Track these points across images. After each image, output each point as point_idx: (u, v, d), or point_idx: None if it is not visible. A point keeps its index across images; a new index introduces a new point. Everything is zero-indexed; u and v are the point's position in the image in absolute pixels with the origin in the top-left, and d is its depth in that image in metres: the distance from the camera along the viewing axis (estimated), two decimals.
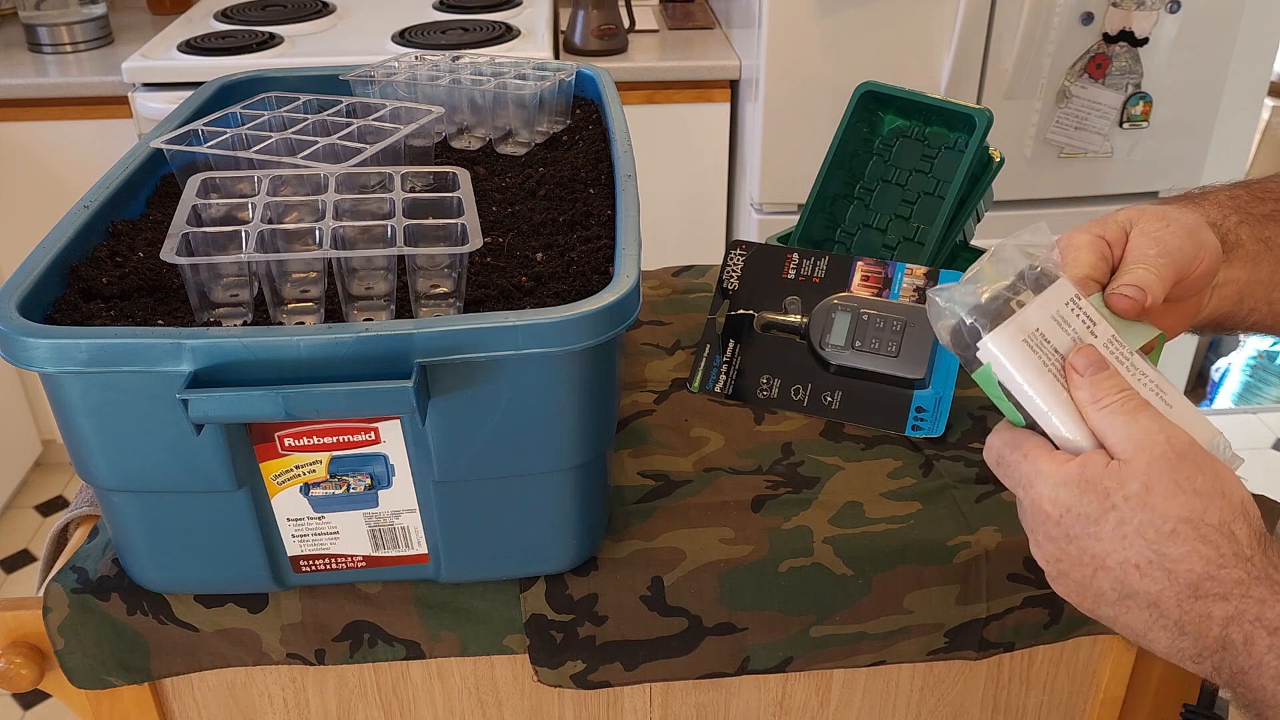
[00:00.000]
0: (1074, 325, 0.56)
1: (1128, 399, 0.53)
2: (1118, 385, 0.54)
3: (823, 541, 0.77)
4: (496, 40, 2.10)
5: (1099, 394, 0.53)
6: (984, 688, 0.85)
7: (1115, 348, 0.56)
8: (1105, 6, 1.82)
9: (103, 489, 0.68)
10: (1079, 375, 0.54)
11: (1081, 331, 0.56)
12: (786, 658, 0.77)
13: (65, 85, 2.03)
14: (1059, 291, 0.57)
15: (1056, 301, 0.56)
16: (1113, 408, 0.53)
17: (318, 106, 0.92)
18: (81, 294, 0.69)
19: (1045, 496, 0.53)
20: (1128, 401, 0.53)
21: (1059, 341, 0.56)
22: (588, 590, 0.75)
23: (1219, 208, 0.66)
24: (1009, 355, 0.55)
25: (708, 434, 0.88)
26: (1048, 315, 0.56)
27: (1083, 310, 0.57)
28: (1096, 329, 0.56)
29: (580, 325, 0.62)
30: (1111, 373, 0.54)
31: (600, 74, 1.02)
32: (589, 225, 0.79)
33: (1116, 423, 0.53)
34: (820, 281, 0.93)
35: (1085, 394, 0.54)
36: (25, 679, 0.75)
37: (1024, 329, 0.56)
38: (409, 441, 0.66)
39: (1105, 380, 0.54)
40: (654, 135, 2.10)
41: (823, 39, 1.85)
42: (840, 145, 1.01)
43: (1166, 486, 0.50)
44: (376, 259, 0.68)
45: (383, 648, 0.76)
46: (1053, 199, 2.00)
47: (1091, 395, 0.54)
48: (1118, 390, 0.53)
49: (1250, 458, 2.53)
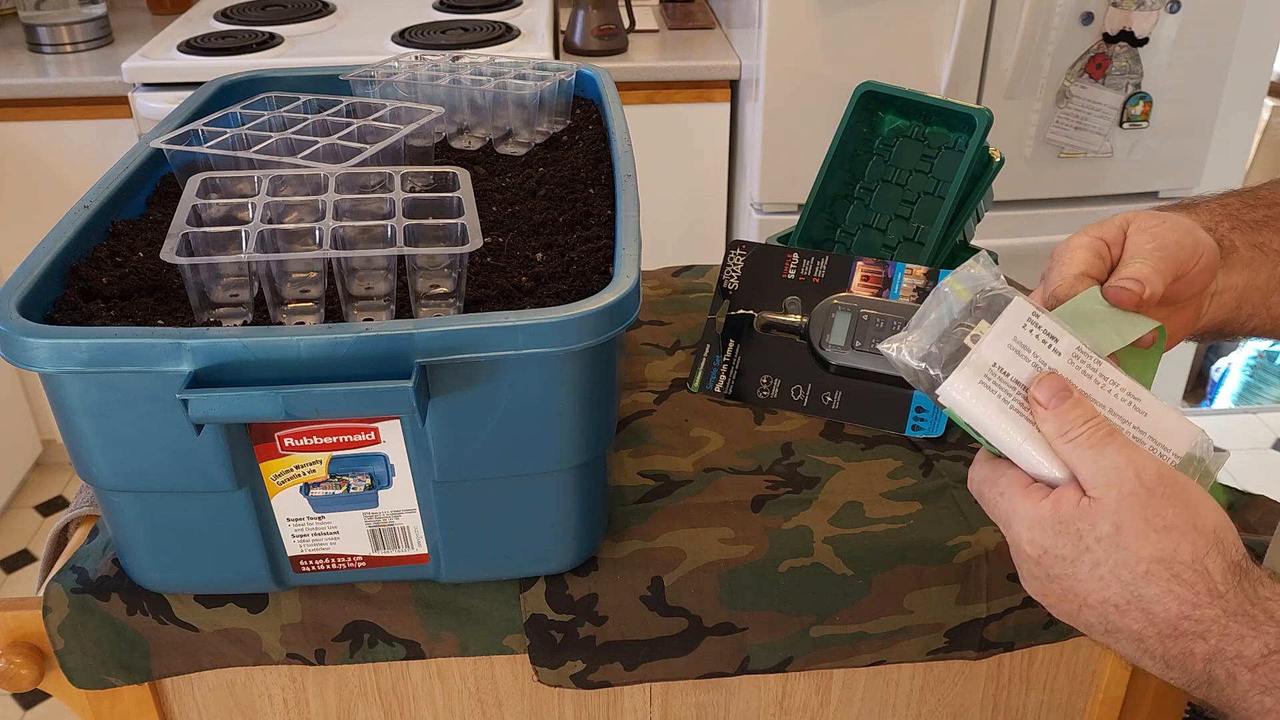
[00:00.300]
0: (1034, 349, 0.54)
1: (1094, 429, 0.52)
2: (1082, 415, 0.52)
3: (823, 541, 0.77)
4: (496, 40, 2.10)
5: (1064, 426, 0.52)
6: (984, 688, 0.85)
7: (1082, 360, 0.54)
8: (1105, 6, 1.82)
9: (103, 489, 0.68)
10: (1042, 408, 0.53)
11: (1043, 353, 0.54)
12: (786, 658, 0.77)
13: (65, 85, 2.03)
14: (1014, 315, 0.54)
15: (1013, 327, 0.54)
16: (1079, 440, 0.52)
17: (318, 106, 0.92)
18: (81, 294, 0.69)
19: (1023, 537, 0.53)
20: (1094, 432, 0.52)
21: (1019, 371, 0.54)
22: (588, 590, 0.75)
23: (1211, 214, 0.65)
24: (967, 399, 0.54)
25: (708, 434, 0.88)
26: (1004, 345, 0.54)
27: (1041, 328, 0.55)
28: (1059, 344, 0.54)
29: (580, 325, 0.62)
30: (1075, 400, 0.53)
31: (600, 74, 1.02)
32: (589, 225, 0.79)
33: (1084, 456, 0.52)
34: (820, 281, 0.93)
35: (1050, 427, 0.53)
36: (25, 679, 0.75)
37: (979, 368, 0.54)
38: (409, 441, 0.66)
39: (1069, 411, 0.53)
40: (654, 135, 2.10)
41: (823, 39, 1.84)
42: (840, 145, 1.01)
43: (1137, 526, 0.50)
44: (376, 259, 0.68)
45: (383, 648, 0.76)
46: (1053, 199, 2.00)
47: (1057, 428, 0.53)
48: (1083, 421, 0.52)
49: (1250, 458, 2.53)
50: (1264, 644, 0.47)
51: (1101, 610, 0.51)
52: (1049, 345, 0.54)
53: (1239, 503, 0.85)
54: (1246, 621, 0.48)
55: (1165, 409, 0.54)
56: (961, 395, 0.54)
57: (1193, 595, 0.49)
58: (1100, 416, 0.53)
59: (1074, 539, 0.51)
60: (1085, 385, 0.54)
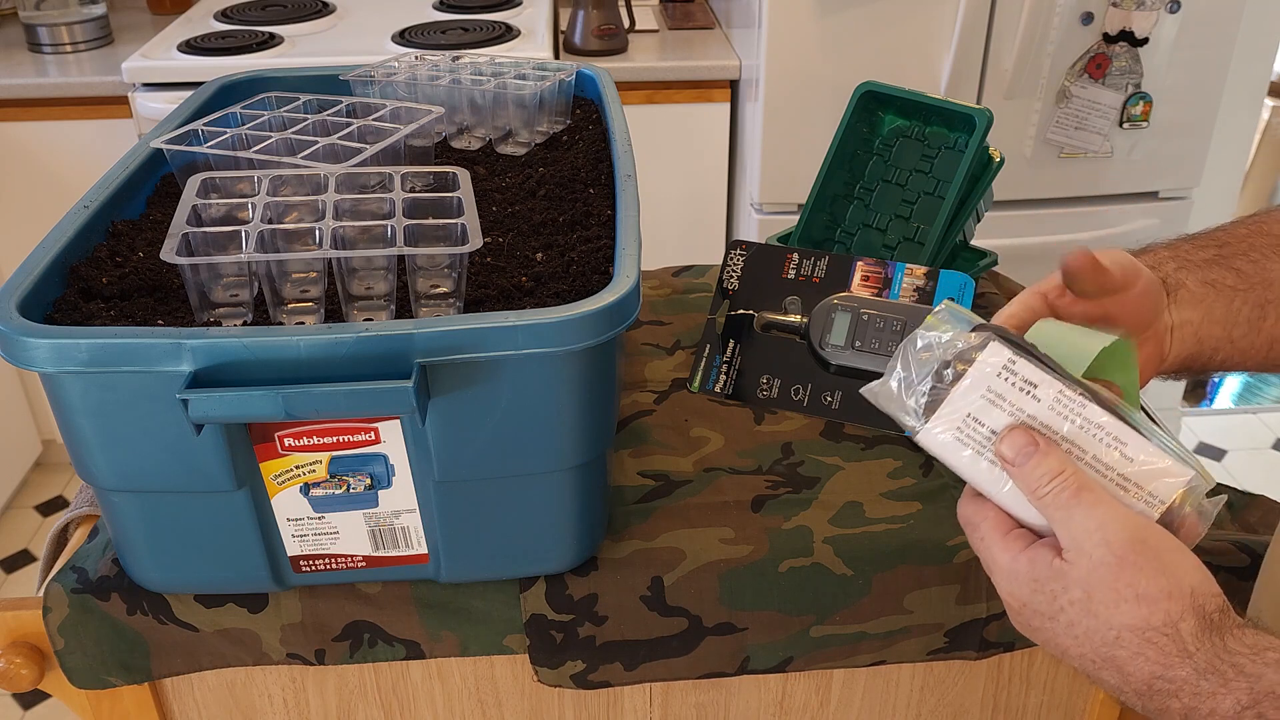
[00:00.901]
0: (1010, 397, 0.53)
1: (1064, 485, 0.51)
2: (1051, 469, 0.51)
3: (823, 541, 0.77)
4: (496, 40, 2.10)
5: (1033, 484, 0.52)
6: (984, 688, 0.85)
7: (1064, 405, 0.53)
8: (1105, 6, 1.82)
9: (103, 489, 0.68)
10: (1010, 465, 0.53)
11: (1021, 401, 0.53)
12: (786, 658, 0.77)
13: (65, 85, 2.03)
14: (989, 363, 0.53)
15: (988, 376, 0.53)
16: (1048, 499, 0.51)
17: (318, 106, 0.92)
18: (81, 294, 0.69)
19: (1002, 587, 0.54)
20: (1063, 490, 0.51)
21: (995, 420, 0.53)
22: (588, 590, 0.75)
23: (1155, 257, 0.67)
24: (941, 452, 0.54)
25: (708, 434, 0.88)
26: (978, 395, 0.53)
27: (1019, 375, 0.53)
28: (1039, 390, 0.53)
29: (580, 325, 0.62)
30: (1042, 454, 0.52)
31: (600, 74, 1.02)
32: (589, 225, 0.79)
33: (1055, 516, 0.52)
34: (820, 281, 0.93)
35: (1021, 484, 0.52)
36: (25, 679, 0.75)
37: (953, 420, 0.53)
38: (409, 441, 0.66)
39: (1037, 468, 0.52)
40: (654, 135, 2.10)
41: (823, 39, 1.84)
42: (840, 145, 1.01)
43: (1107, 596, 0.50)
44: (376, 259, 0.68)
45: (383, 648, 0.76)
46: (1053, 199, 2.00)
47: (1027, 486, 0.52)
48: (1050, 477, 0.51)
49: (1250, 458, 2.53)
50: (1235, 700, 0.47)
51: (1081, 663, 0.52)
52: (1027, 392, 0.53)
53: (1239, 503, 0.85)
54: (1217, 679, 0.48)
55: (1155, 451, 0.52)
56: (936, 447, 0.54)
57: (1163, 657, 0.49)
58: (1070, 470, 0.51)
59: (1049, 599, 0.52)
60: (1068, 431, 0.53)
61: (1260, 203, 2.72)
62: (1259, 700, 0.47)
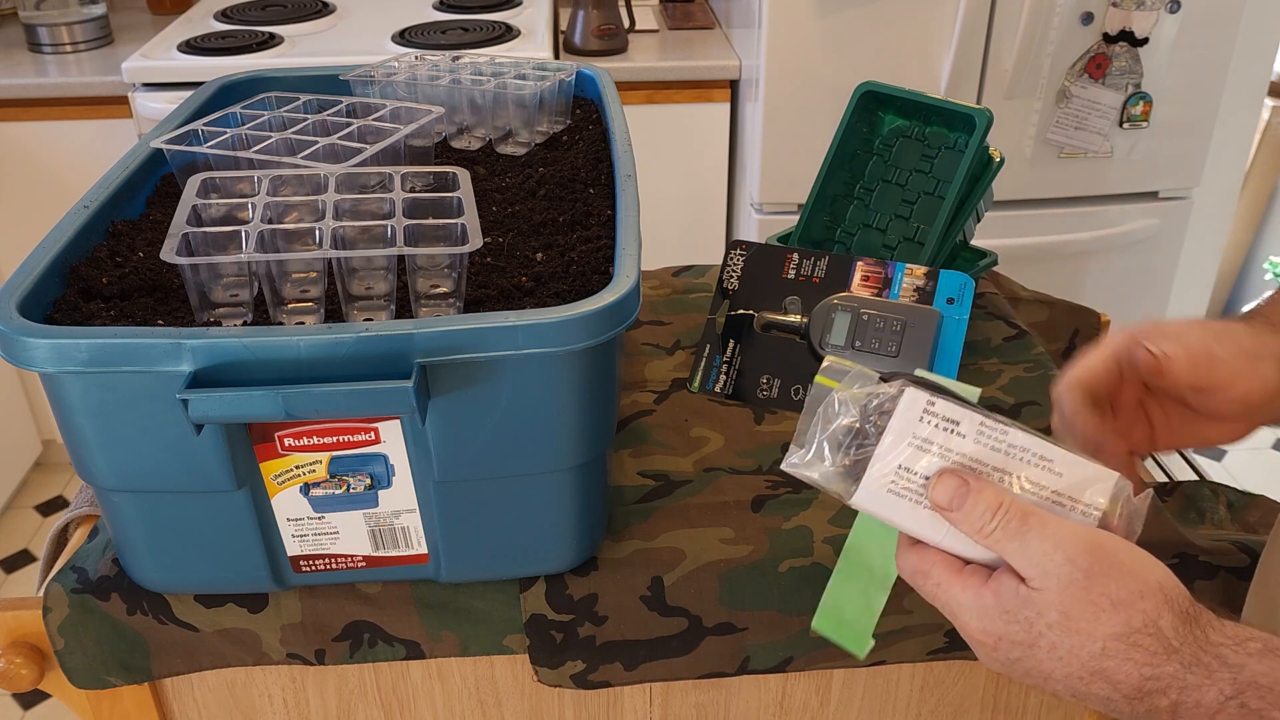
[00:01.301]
0: (937, 439, 0.52)
1: (1008, 519, 0.51)
2: (990, 505, 0.51)
3: (823, 541, 0.77)
4: (496, 40, 2.10)
5: (976, 524, 0.51)
6: (984, 688, 0.85)
7: (988, 435, 0.52)
8: (1105, 6, 1.82)
9: (103, 489, 0.68)
10: (948, 512, 0.52)
11: (946, 440, 0.52)
12: (786, 658, 0.77)
13: (65, 85, 2.03)
14: (909, 410, 0.52)
15: (910, 423, 0.52)
16: (997, 535, 0.51)
17: (318, 106, 0.92)
18: (81, 294, 0.69)
19: (974, 627, 0.53)
20: (1008, 523, 0.51)
21: (926, 466, 0.52)
22: (588, 590, 0.75)
23: None
24: (879, 509, 0.53)
25: (708, 434, 0.88)
26: (904, 444, 0.52)
27: (939, 414, 0.52)
28: (961, 426, 0.52)
29: (580, 325, 0.62)
30: (975, 493, 0.51)
31: (600, 74, 1.02)
32: (589, 225, 0.79)
33: (1009, 549, 0.51)
34: (820, 281, 0.93)
35: (964, 527, 0.52)
36: (25, 679, 0.75)
37: (883, 477, 0.52)
38: (409, 441, 0.66)
39: (974, 508, 0.51)
40: (654, 135, 2.10)
41: (823, 39, 1.84)
42: (840, 145, 1.01)
43: (1085, 611, 0.49)
44: (376, 259, 0.68)
45: (383, 648, 0.76)
46: (1053, 199, 2.00)
47: (970, 528, 0.52)
48: (992, 512, 0.51)
49: (1250, 458, 2.53)
50: (1219, 690, 0.48)
51: (1067, 683, 0.52)
52: (950, 431, 0.52)
53: (1239, 503, 0.85)
54: (1202, 671, 0.48)
55: (1079, 461, 0.53)
56: (873, 505, 0.53)
57: (1150, 657, 0.49)
58: (1007, 500, 0.51)
59: (1025, 627, 0.51)
60: (997, 461, 0.52)
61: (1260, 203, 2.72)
62: (1242, 690, 0.47)
